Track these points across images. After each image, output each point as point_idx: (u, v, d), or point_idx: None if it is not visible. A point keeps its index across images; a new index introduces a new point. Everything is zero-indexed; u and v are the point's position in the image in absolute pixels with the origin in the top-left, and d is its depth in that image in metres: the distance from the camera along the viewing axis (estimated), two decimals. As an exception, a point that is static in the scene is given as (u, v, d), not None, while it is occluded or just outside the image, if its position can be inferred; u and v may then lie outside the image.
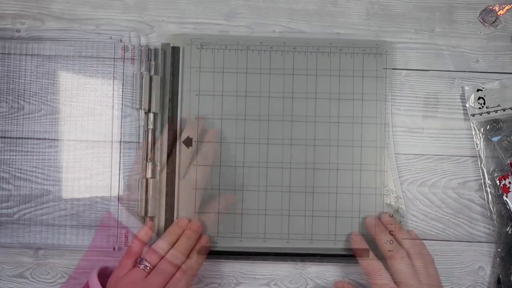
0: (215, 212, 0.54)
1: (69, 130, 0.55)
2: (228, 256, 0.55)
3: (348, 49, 0.55)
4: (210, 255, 0.54)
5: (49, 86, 0.56)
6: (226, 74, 0.55)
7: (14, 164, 0.55)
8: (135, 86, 0.56)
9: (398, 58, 0.56)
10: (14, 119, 0.55)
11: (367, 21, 0.57)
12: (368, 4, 0.57)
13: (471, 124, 0.56)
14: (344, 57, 0.55)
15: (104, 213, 0.55)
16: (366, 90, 0.55)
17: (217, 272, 0.55)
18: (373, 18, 0.57)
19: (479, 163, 0.56)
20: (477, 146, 0.56)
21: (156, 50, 0.55)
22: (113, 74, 0.56)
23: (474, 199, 0.56)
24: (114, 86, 0.56)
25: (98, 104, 0.55)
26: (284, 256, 0.55)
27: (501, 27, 0.57)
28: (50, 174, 0.55)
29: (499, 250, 0.55)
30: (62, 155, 0.55)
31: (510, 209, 0.54)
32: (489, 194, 0.55)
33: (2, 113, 0.56)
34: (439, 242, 0.55)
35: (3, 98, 0.56)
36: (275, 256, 0.54)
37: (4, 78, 0.56)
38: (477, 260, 0.55)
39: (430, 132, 0.56)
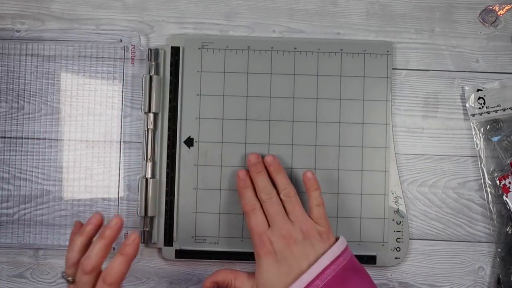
0: (216, 212, 0.54)
1: (69, 130, 0.55)
2: (228, 256, 0.55)
3: (350, 49, 0.55)
4: (210, 256, 0.54)
5: (49, 86, 0.56)
6: (228, 75, 0.55)
7: (14, 164, 0.55)
8: (133, 86, 0.56)
9: (398, 58, 0.56)
10: (14, 119, 0.55)
11: (367, 21, 0.57)
12: (368, 4, 0.57)
13: (471, 124, 0.56)
14: (345, 57, 0.55)
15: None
16: (370, 91, 0.55)
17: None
18: (373, 18, 0.57)
19: (479, 163, 0.56)
20: (477, 146, 0.56)
21: (156, 50, 0.55)
22: (112, 74, 0.56)
23: (474, 199, 0.56)
24: (114, 86, 0.56)
25: (98, 104, 0.55)
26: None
27: (501, 27, 0.57)
28: (50, 174, 0.55)
29: (499, 250, 0.55)
30: (62, 155, 0.55)
31: (510, 209, 0.54)
32: (489, 194, 0.55)
33: (2, 113, 0.56)
34: (439, 242, 0.55)
35: (3, 98, 0.56)
36: None
37: (4, 78, 0.56)
38: (477, 260, 0.55)
39: (430, 132, 0.56)
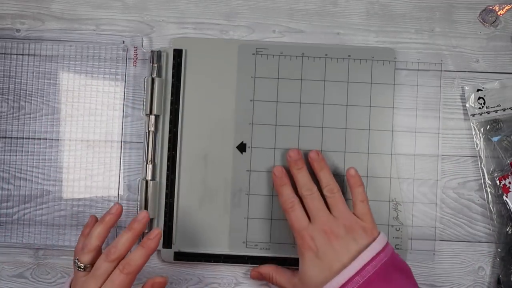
0: (268, 218, 0.55)
1: (69, 130, 0.55)
2: (228, 259, 0.54)
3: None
4: (208, 259, 0.54)
5: (49, 86, 0.56)
6: (281, 81, 0.55)
7: (14, 164, 0.55)
8: (135, 86, 0.56)
9: (398, 58, 0.56)
10: (15, 119, 0.55)
11: (367, 21, 0.57)
12: (368, 4, 0.57)
13: (471, 124, 0.56)
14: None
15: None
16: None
17: (217, 272, 0.55)
18: (373, 18, 0.57)
19: (479, 163, 0.55)
20: (477, 146, 0.56)
21: (159, 52, 0.55)
22: (114, 76, 0.56)
23: (474, 199, 0.56)
24: (116, 87, 0.56)
25: (99, 104, 0.55)
26: (285, 259, 0.54)
27: (501, 27, 0.57)
28: (50, 174, 0.55)
29: (499, 250, 0.55)
30: (62, 155, 0.55)
31: (510, 209, 0.54)
32: (489, 194, 0.55)
33: (2, 113, 0.56)
34: (439, 242, 0.55)
35: (3, 98, 0.56)
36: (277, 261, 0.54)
37: (4, 78, 0.56)
38: (477, 260, 0.55)
39: (430, 132, 0.56)
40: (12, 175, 0.55)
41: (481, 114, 0.55)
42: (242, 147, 0.55)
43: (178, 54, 0.55)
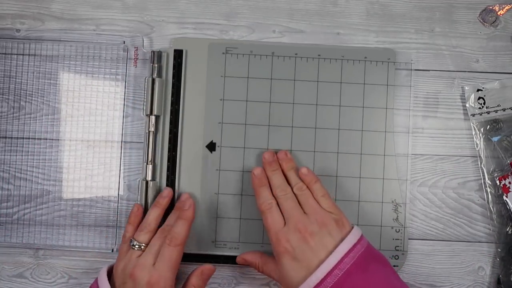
0: (237, 218, 0.55)
1: (69, 130, 0.55)
2: (227, 260, 0.54)
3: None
4: (208, 260, 0.54)
5: (49, 86, 0.56)
6: (251, 80, 0.55)
7: (14, 164, 0.55)
8: (135, 86, 0.56)
9: (398, 58, 0.56)
10: (15, 119, 0.55)
11: (367, 21, 0.57)
12: (368, 4, 0.57)
13: (471, 124, 0.56)
14: (369, 65, 0.55)
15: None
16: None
17: (217, 272, 0.55)
18: (373, 18, 0.57)
19: (479, 163, 0.56)
20: (477, 146, 0.56)
21: (159, 52, 0.55)
22: (115, 76, 0.56)
23: (474, 199, 0.56)
24: (116, 87, 0.56)
25: (100, 104, 0.55)
26: None
27: (501, 27, 0.57)
28: (50, 174, 0.55)
29: (499, 250, 0.55)
30: (62, 155, 0.55)
31: (510, 209, 0.54)
32: (489, 194, 0.55)
33: (2, 113, 0.56)
34: (439, 242, 0.55)
35: (4, 98, 0.56)
36: None
37: (4, 78, 0.56)
38: (477, 260, 0.55)
39: (430, 132, 0.56)
40: (12, 175, 0.55)
41: (481, 114, 0.55)
42: (211, 146, 0.55)
43: (178, 55, 0.55)
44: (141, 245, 0.50)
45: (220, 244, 0.54)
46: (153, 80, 0.54)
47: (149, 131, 0.54)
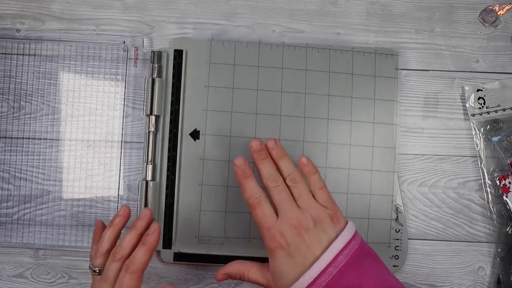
0: (222, 211, 0.54)
1: (69, 130, 0.55)
2: (228, 260, 0.54)
3: (360, 49, 0.55)
4: (209, 260, 0.54)
5: (49, 86, 0.56)
6: (237, 67, 0.54)
7: (14, 164, 0.55)
8: (135, 86, 0.56)
9: (398, 58, 0.56)
10: (15, 119, 0.55)
11: (367, 21, 0.57)
12: (368, 4, 0.57)
13: (471, 124, 0.56)
14: (356, 55, 0.55)
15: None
16: (378, 91, 0.55)
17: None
18: (373, 18, 0.57)
19: (479, 163, 0.56)
20: (477, 146, 0.56)
21: (159, 52, 0.55)
22: (115, 76, 0.56)
23: (474, 199, 0.56)
24: (116, 87, 0.56)
25: (100, 104, 0.55)
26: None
27: (501, 27, 0.57)
28: (50, 174, 0.55)
29: (499, 250, 0.55)
30: (62, 155, 0.55)
31: (510, 209, 0.54)
32: (489, 194, 0.55)
33: (2, 113, 0.56)
34: (439, 242, 0.55)
35: (3, 98, 0.56)
36: None
37: (4, 78, 0.56)
38: (477, 260, 0.55)
39: (430, 132, 0.56)
40: (12, 175, 0.55)
41: (481, 114, 0.55)
42: (195, 134, 0.53)
43: (178, 55, 0.55)
44: (95, 269, 0.47)
45: (204, 239, 0.53)
46: (153, 80, 0.54)
47: (149, 131, 0.54)
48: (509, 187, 0.54)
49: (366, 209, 0.54)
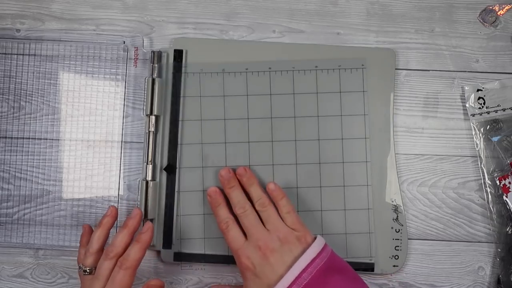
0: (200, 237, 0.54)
1: (69, 130, 0.55)
2: (228, 259, 0.54)
3: (325, 65, 0.55)
4: (209, 260, 0.54)
5: (49, 86, 0.56)
6: (204, 99, 0.55)
7: (14, 164, 0.55)
8: (135, 86, 0.56)
9: (398, 58, 0.56)
10: (15, 119, 0.55)
11: (367, 21, 0.57)
12: (368, 4, 0.57)
13: (471, 124, 0.56)
14: (320, 74, 0.55)
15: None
16: (348, 106, 0.55)
17: (217, 272, 0.55)
18: (373, 18, 0.57)
19: (479, 163, 0.56)
20: (477, 146, 0.56)
21: (159, 53, 0.55)
22: (115, 76, 0.56)
23: (474, 199, 0.56)
24: (116, 87, 0.56)
25: (100, 104, 0.55)
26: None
27: (501, 27, 0.57)
28: (50, 174, 0.55)
29: (499, 250, 0.55)
30: (62, 155, 0.55)
31: (510, 209, 0.54)
32: (489, 194, 0.55)
33: (2, 113, 0.56)
34: (439, 242, 0.55)
35: (4, 98, 0.56)
36: None
37: (4, 78, 0.56)
38: (477, 260, 0.55)
39: (430, 132, 0.56)
40: (12, 175, 0.55)
41: (481, 114, 0.55)
42: (170, 169, 0.54)
43: (178, 55, 0.55)
44: (86, 269, 0.48)
45: (186, 265, 0.55)
46: (153, 80, 0.54)
47: (149, 131, 0.54)
48: (509, 187, 0.54)
49: (342, 224, 0.54)
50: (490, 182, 0.55)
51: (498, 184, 0.55)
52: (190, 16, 0.57)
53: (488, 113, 0.55)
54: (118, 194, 0.55)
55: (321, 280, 0.45)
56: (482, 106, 0.55)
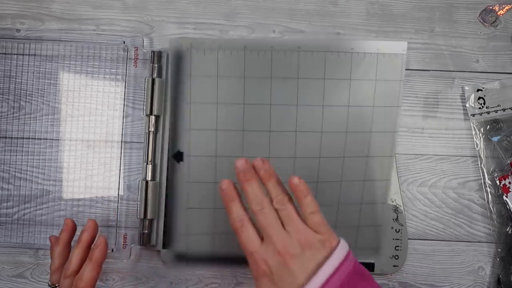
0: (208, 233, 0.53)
1: (69, 130, 0.55)
2: (228, 259, 0.54)
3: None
4: (209, 260, 0.54)
5: (49, 86, 0.56)
6: (227, 79, 0.53)
7: (14, 164, 0.55)
8: (135, 86, 0.56)
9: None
10: (15, 119, 0.55)
11: (367, 21, 0.57)
12: (368, 4, 0.57)
13: (471, 124, 0.56)
14: (356, 57, 0.51)
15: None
16: (379, 97, 0.52)
17: (217, 272, 0.55)
18: (373, 18, 0.57)
19: (479, 163, 0.56)
20: (477, 146, 0.56)
21: (159, 52, 0.55)
22: (115, 76, 0.56)
23: (474, 199, 0.56)
24: (116, 87, 0.56)
25: (100, 104, 0.55)
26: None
27: (501, 27, 0.57)
28: (50, 174, 0.55)
29: (499, 250, 0.55)
30: (62, 155, 0.55)
31: (510, 209, 0.54)
32: (489, 194, 0.55)
33: (2, 113, 0.56)
34: (439, 242, 0.55)
35: (3, 98, 0.56)
36: None
37: (4, 78, 0.56)
38: (477, 260, 0.55)
39: (430, 132, 0.56)
40: (12, 175, 0.55)
41: (481, 114, 0.55)
42: (178, 156, 0.51)
43: (178, 54, 0.55)
44: (52, 286, 0.49)
45: (185, 265, 0.54)
46: (153, 80, 0.54)
47: (149, 131, 0.54)
48: (509, 187, 0.54)
49: (356, 219, 0.53)
50: (490, 182, 0.55)
51: (498, 184, 0.55)
52: (190, 16, 0.57)
53: (488, 113, 0.55)
54: (118, 194, 0.55)
55: (351, 285, 0.40)
56: (482, 106, 0.55)
